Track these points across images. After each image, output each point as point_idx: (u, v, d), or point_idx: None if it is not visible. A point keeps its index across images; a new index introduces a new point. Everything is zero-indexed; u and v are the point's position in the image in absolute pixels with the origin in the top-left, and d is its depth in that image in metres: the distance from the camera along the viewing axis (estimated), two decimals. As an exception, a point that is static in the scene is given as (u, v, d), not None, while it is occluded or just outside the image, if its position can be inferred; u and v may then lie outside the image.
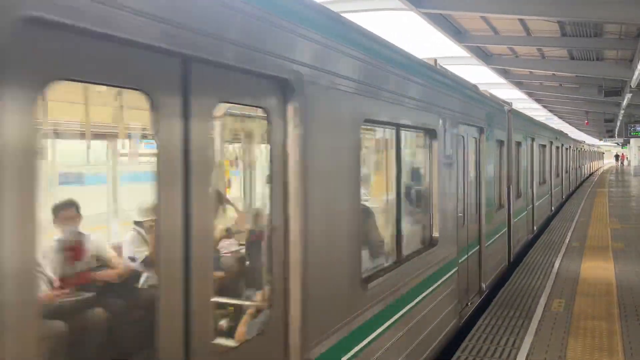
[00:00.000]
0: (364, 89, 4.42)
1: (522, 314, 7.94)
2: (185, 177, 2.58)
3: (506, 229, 11.04)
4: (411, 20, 15.73)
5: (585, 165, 47.48)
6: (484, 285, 8.86)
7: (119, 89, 2.79)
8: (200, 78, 2.67)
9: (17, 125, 1.90)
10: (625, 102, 24.37)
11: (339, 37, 4.13)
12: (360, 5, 15.37)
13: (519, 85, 30.22)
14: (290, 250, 3.35)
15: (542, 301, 8.53)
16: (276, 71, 3.23)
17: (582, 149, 42.18)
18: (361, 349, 4.24)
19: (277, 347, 3.29)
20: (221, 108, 3.08)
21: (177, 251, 2.54)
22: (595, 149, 48.05)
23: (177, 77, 2.56)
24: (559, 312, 7.96)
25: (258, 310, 3.37)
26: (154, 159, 2.49)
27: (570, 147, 28.88)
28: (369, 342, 4.41)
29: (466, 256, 7.87)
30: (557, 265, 11.00)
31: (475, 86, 9.73)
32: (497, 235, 10.10)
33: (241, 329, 3.28)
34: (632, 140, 46.58)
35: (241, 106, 3.34)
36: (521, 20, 15.99)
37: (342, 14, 4.68)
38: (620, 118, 33.61)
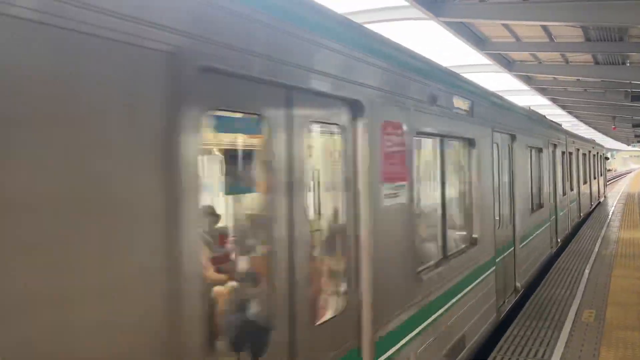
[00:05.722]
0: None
1: (551, 324, 7.80)
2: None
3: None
4: (432, 29, 15.69)
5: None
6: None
7: None
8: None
9: None
10: (653, 107, 23.87)
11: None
12: (380, 15, 15.39)
13: (542, 91, 29.77)
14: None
15: (573, 310, 8.37)
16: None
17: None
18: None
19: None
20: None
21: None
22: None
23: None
24: (589, 322, 7.80)
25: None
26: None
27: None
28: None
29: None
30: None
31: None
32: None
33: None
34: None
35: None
36: (543, 26, 15.80)
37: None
38: (649, 122, 32.93)
